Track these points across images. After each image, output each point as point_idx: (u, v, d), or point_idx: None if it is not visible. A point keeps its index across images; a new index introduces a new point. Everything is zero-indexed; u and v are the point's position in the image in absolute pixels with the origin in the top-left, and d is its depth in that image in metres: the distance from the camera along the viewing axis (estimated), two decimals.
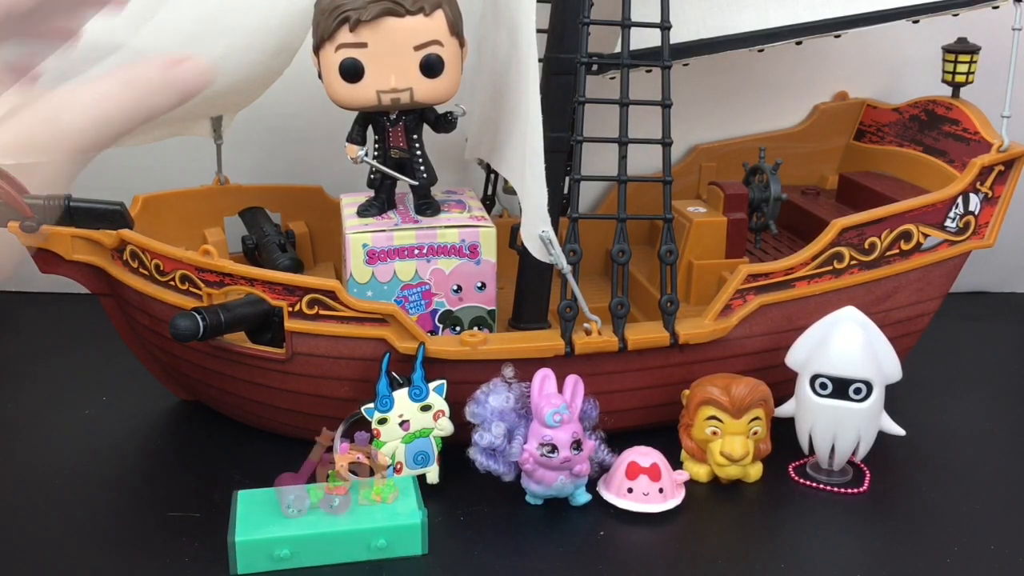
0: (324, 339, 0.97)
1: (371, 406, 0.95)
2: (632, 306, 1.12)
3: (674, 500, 0.96)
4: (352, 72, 0.98)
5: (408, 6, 0.95)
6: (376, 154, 1.07)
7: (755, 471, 1.01)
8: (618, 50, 1.01)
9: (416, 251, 1.04)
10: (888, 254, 1.09)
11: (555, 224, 1.00)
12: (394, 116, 1.04)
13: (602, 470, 0.98)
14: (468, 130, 1.19)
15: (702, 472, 1.01)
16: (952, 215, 1.12)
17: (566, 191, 1.12)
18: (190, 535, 0.91)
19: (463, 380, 0.96)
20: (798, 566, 0.89)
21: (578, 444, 0.92)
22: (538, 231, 0.97)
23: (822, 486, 1.01)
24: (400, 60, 0.98)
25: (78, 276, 1.06)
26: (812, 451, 1.02)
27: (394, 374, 0.97)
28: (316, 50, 1.00)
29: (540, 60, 1.00)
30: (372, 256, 1.03)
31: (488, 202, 1.29)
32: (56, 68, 0.44)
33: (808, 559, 0.91)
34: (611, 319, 1.01)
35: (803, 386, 1.00)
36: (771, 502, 0.99)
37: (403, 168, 1.07)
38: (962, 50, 1.22)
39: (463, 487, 0.98)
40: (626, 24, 0.99)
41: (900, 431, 1.02)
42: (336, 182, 1.24)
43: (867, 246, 1.08)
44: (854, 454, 1.01)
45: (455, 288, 1.06)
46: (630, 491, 0.95)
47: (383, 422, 0.95)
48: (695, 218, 1.20)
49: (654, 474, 0.95)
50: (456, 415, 0.96)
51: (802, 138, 1.44)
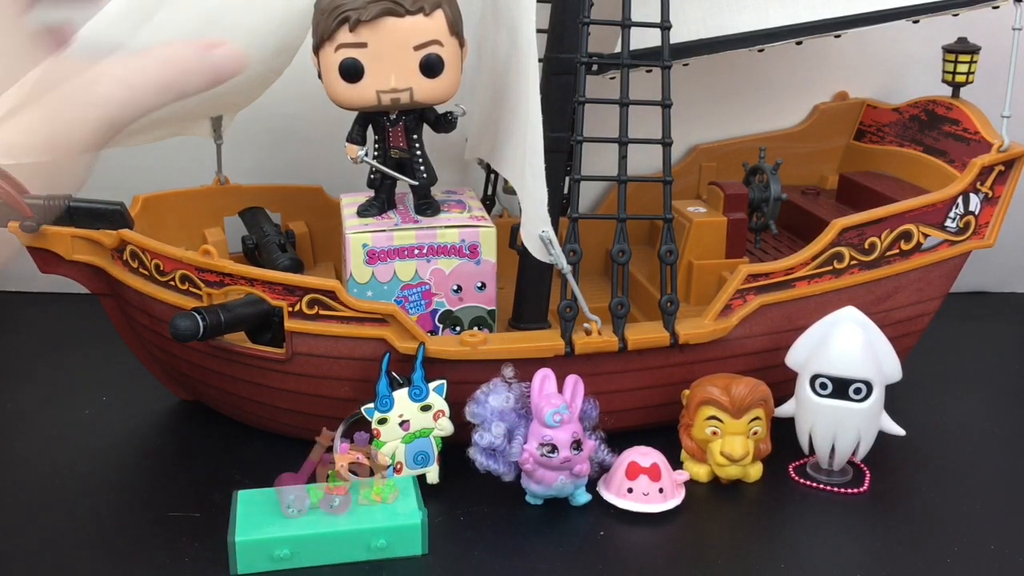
0: (324, 339, 0.97)
1: (371, 406, 0.95)
2: (632, 306, 1.12)
3: (674, 500, 0.96)
4: (352, 72, 0.98)
5: (408, 6, 0.95)
6: (376, 154, 1.07)
7: (755, 471, 1.01)
8: (618, 50, 1.01)
9: (416, 251, 1.04)
10: (888, 254, 1.09)
11: (555, 224, 1.00)
12: (394, 116, 1.04)
13: (602, 470, 0.98)
14: (468, 130, 1.19)
15: (702, 472, 1.01)
16: (952, 215, 1.12)
17: (566, 191, 1.12)
18: (190, 535, 0.91)
19: (463, 380, 0.96)
20: (798, 566, 0.89)
21: (578, 444, 0.92)
22: (538, 231, 0.97)
23: (822, 486, 1.01)
24: (400, 60, 0.98)
25: (78, 276, 1.06)
26: (812, 451, 1.02)
27: (394, 374, 0.97)
28: (316, 50, 1.00)
29: (540, 60, 1.00)
30: (372, 256, 1.03)
31: (488, 202, 1.29)
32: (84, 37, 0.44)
33: (808, 559, 0.91)
34: (611, 319, 1.01)
35: (803, 386, 1.00)
36: (771, 502, 0.99)
37: (403, 168, 1.07)
38: (962, 50, 1.22)
39: (463, 487, 0.98)
40: (626, 24, 0.99)
41: (900, 431, 1.02)
42: (336, 182, 1.24)
43: (867, 246, 1.08)
44: (854, 454, 1.01)
45: (455, 288, 1.06)
46: (630, 491, 0.95)
47: (383, 422, 0.95)
48: (695, 218, 1.20)
49: (654, 474, 0.95)
50: (456, 415, 0.96)
51: (802, 138, 1.44)
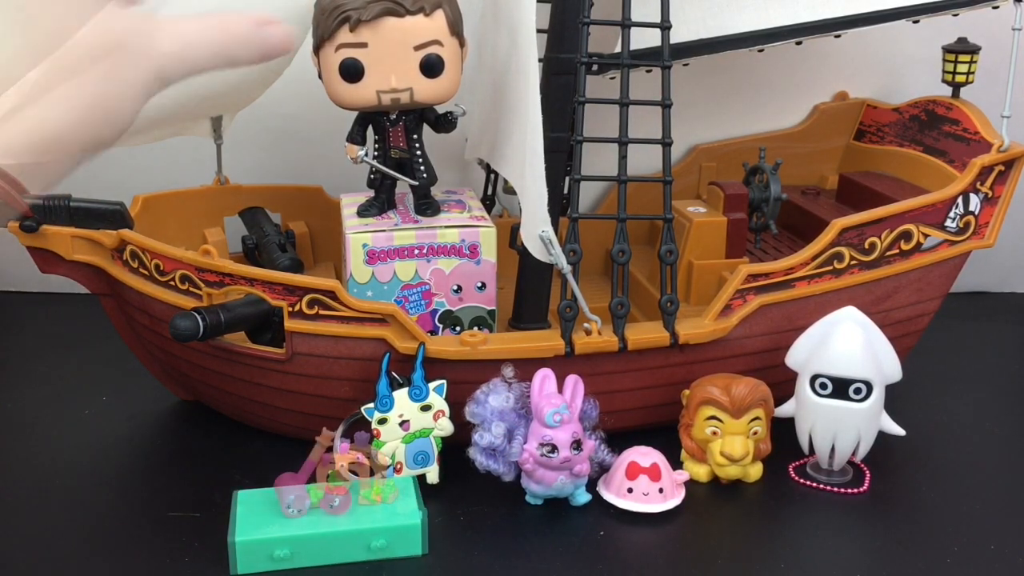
0: (324, 339, 0.97)
1: (371, 406, 0.95)
2: (632, 306, 1.12)
3: (674, 500, 0.96)
4: (352, 72, 0.98)
5: (408, 6, 0.95)
6: (376, 154, 1.07)
7: (755, 471, 1.01)
8: (618, 50, 1.01)
9: (416, 251, 1.04)
10: (888, 254, 1.09)
11: (555, 224, 1.00)
12: (394, 116, 1.04)
13: (602, 470, 0.98)
14: (468, 130, 1.19)
15: (702, 472, 1.01)
16: (952, 215, 1.12)
17: (566, 191, 1.12)
18: (190, 535, 0.91)
19: (463, 380, 0.96)
20: (798, 566, 0.89)
21: (578, 444, 0.92)
22: (538, 231, 0.97)
23: (822, 486, 1.01)
24: (400, 60, 0.97)
25: (78, 276, 1.06)
26: (812, 451, 1.02)
27: (394, 374, 0.97)
28: (316, 50, 1.00)
29: (540, 60, 1.00)
30: (372, 256, 1.03)
31: (488, 202, 1.29)
32: None
33: (808, 559, 0.91)
34: (611, 319, 1.01)
35: (803, 386, 1.00)
36: (771, 502, 0.99)
37: (403, 168, 1.07)
38: (962, 50, 1.22)
39: (463, 487, 0.98)
40: (626, 24, 0.99)
41: (900, 431, 1.02)
42: (336, 182, 1.24)
43: (867, 246, 1.08)
44: (854, 454, 1.01)
45: (455, 288, 1.06)
46: (630, 491, 0.95)
47: (383, 422, 0.95)
48: (695, 218, 1.20)
49: (654, 474, 0.95)
50: (456, 415, 0.96)
51: (802, 138, 1.44)
